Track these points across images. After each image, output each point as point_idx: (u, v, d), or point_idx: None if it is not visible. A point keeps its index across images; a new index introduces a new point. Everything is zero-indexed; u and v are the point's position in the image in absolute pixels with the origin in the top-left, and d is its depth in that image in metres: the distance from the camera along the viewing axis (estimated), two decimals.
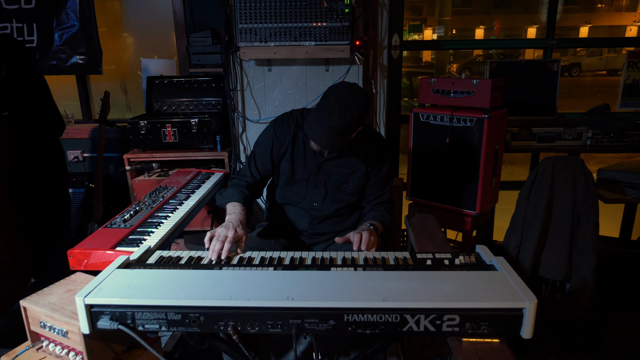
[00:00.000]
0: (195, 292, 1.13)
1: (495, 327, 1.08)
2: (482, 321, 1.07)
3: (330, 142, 1.59)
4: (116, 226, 1.74)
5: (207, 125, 2.80)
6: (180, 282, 1.19)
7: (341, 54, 2.56)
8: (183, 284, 1.17)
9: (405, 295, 1.10)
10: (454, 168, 2.48)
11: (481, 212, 2.46)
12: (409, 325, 1.08)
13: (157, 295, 1.12)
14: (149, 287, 1.16)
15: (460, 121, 2.40)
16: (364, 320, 1.07)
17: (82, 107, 3.64)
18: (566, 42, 4.66)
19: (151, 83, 3.19)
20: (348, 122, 1.53)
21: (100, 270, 1.27)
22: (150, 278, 1.21)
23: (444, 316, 1.07)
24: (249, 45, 2.58)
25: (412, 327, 1.08)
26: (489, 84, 2.31)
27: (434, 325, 1.08)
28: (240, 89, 2.81)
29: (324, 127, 1.55)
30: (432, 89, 2.54)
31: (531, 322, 1.06)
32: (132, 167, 2.82)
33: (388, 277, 1.20)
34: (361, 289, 1.14)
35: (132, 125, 2.81)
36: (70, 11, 3.21)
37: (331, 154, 1.75)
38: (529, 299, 1.06)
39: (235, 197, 1.73)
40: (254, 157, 1.85)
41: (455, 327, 1.08)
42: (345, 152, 1.74)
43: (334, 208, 1.81)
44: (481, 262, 1.32)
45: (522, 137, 2.71)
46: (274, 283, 1.17)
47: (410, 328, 1.08)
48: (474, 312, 1.07)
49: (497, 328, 1.08)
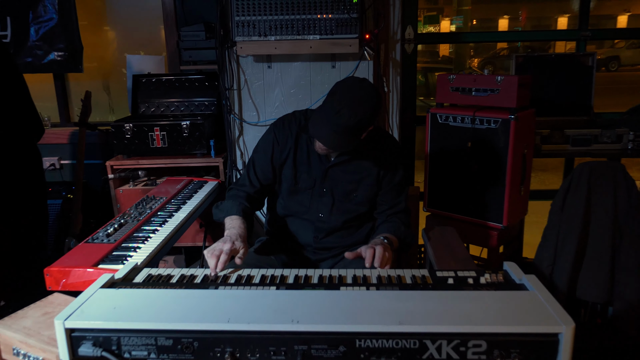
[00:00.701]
0: (188, 314, 1.13)
1: (528, 355, 1.07)
2: (513, 348, 1.07)
3: (338, 142, 1.59)
4: (98, 241, 1.75)
5: (199, 129, 2.82)
6: (171, 303, 1.19)
7: (349, 48, 2.59)
8: (175, 306, 1.17)
9: (424, 318, 1.09)
10: (477, 175, 2.48)
11: (508, 225, 2.45)
12: (430, 352, 1.07)
13: (145, 318, 1.12)
14: (137, 309, 1.16)
15: (483, 122, 2.40)
16: (378, 347, 1.07)
17: (60, 109, 3.68)
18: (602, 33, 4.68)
19: (137, 82, 3.22)
20: (358, 119, 1.54)
21: (81, 290, 1.27)
22: (137, 299, 1.21)
23: (469, 342, 1.06)
24: (246, 40, 2.61)
25: (433, 354, 1.07)
26: (516, 81, 2.32)
27: (458, 352, 1.07)
28: (237, 88, 2.83)
29: (331, 126, 1.56)
30: (451, 86, 2.55)
31: (569, 349, 1.05)
32: (116, 176, 2.84)
33: (405, 298, 1.20)
34: (375, 311, 1.13)
35: (115, 129, 2.84)
36: (48, 3, 3.25)
37: (339, 158, 1.76)
38: (565, 323, 1.06)
39: (234, 210, 1.74)
40: (253, 164, 1.86)
41: (482, 355, 1.07)
42: (355, 155, 1.75)
43: (342, 219, 1.82)
44: (510, 281, 1.32)
45: (553, 140, 2.71)
46: (277, 304, 1.17)
47: (430, 355, 1.08)
48: (502, 337, 1.06)
49: (529, 356, 1.07)
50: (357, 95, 1.56)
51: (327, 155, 1.77)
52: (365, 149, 1.76)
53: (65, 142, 3.48)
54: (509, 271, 1.37)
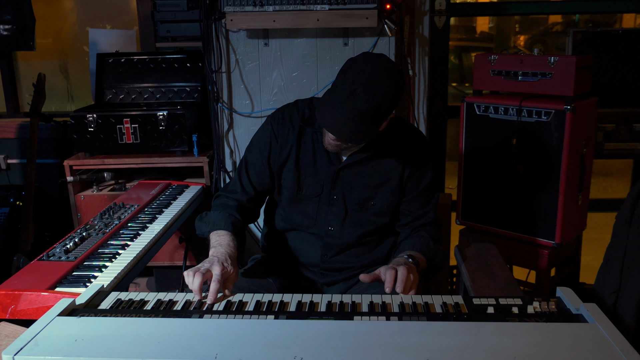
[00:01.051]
0: (166, 349, 1.15)
1: None
2: None
3: (352, 132, 1.58)
4: (55, 259, 1.77)
5: (179, 121, 2.84)
6: (145, 335, 1.20)
7: (365, 22, 2.60)
8: (149, 338, 1.19)
9: (458, 356, 1.10)
10: (523, 180, 2.48)
11: (562, 242, 2.46)
12: None
13: (113, 353, 1.14)
14: (103, 341, 1.18)
15: (532, 114, 2.41)
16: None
17: (7, 96, 3.72)
18: None
19: (102, 62, 3.25)
20: (377, 102, 1.53)
21: (34, 319, 1.29)
22: (104, 329, 1.23)
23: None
24: (238, 11, 2.63)
25: None
26: (573, 62, 2.32)
27: None
28: (225, 70, 2.85)
29: (343, 112, 1.54)
30: (492, 69, 2.56)
31: None
32: (76, 178, 2.86)
33: (434, 331, 1.21)
34: (397, 347, 1.14)
35: (76, 120, 2.86)
36: None
37: (352, 158, 1.76)
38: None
39: (222, 224, 1.74)
40: (246, 166, 1.87)
41: None
42: (372, 154, 1.76)
43: (357, 233, 1.83)
44: (564, 311, 1.33)
45: (619, 138, 2.72)
46: (276, 338, 1.18)
47: None
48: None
49: None
50: (374, 73, 1.55)
51: (337, 154, 1.78)
52: (385, 145, 1.77)
53: (13, 136, 3.51)
54: (563, 299, 1.37)
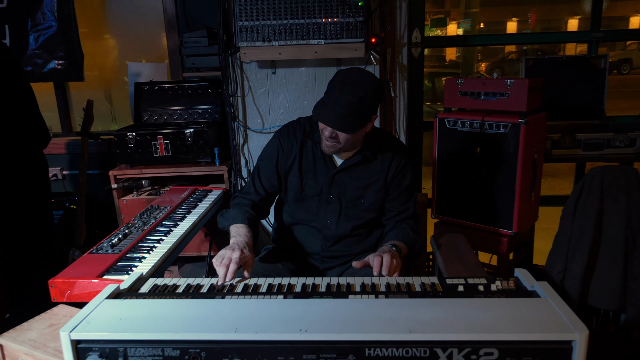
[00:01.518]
0: (195, 324, 1.15)
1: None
2: (525, 356, 1.07)
3: (343, 121, 1.61)
4: (103, 252, 1.77)
5: (203, 137, 2.84)
6: (178, 313, 1.20)
7: (355, 53, 2.60)
8: (181, 316, 1.19)
9: (435, 326, 1.10)
10: (486, 181, 2.49)
11: (519, 231, 2.46)
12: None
13: (152, 328, 1.14)
14: (143, 319, 1.18)
15: (492, 127, 2.41)
16: (388, 355, 1.08)
17: (61, 119, 3.72)
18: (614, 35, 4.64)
19: (139, 90, 3.26)
20: (361, 96, 1.59)
21: (86, 302, 1.29)
22: (143, 309, 1.23)
23: (481, 350, 1.07)
24: (250, 45, 2.64)
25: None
26: (526, 84, 2.33)
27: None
28: (240, 94, 2.86)
29: (335, 108, 1.60)
30: (459, 90, 2.57)
31: (582, 357, 1.06)
32: (119, 185, 2.87)
33: (414, 306, 1.21)
34: (384, 319, 1.14)
35: (118, 138, 2.87)
36: (47, 10, 3.29)
37: (346, 163, 1.78)
38: (579, 330, 1.06)
39: (239, 218, 1.76)
40: (258, 172, 1.89)
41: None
42: (362, 160, 1.78)
43: (350, 226, 1.83)
44: (521, 288, 1.33)
45: (564, 145, 2.72)
46: (285, 313, 1.19)
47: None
48: (515, 345, 1.07)
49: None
50: (358, 76, 1.63)
51: (333, 161, 1.79)
52: (372, 153, 1.78)
53: (66, 152, 3.51)
54: (520, 278, 1.37)
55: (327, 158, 1.80)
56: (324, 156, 1.79)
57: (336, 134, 1.66)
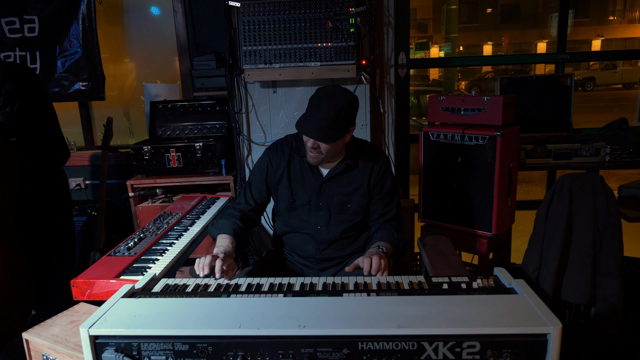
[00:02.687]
0: (202, 321, 1.13)
1: (519, 354, 1.06)
2: (504, 348, 1.06)
3: (322, 132, 1.62)
4: (120, 254, 1.75)
5: (211, 149, 2.83)
6: (187, 310, 1.18)
7: (347, 73, 2.60)
8: (190, 313, 1.17)
9: (422, 322, 1.09)
10: (467, 188, 2.47)
11: (497, 233, 2.44)
12: (427, 353, 1.06)
13: (163, 325, 1.12)
14: (155, 316, 1.16)
15: (472, 139, 2.41)
16: (379, 349, 1.06)
17: (85, 134, 3.71)
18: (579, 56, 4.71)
19: (154, 108, 3.24)
20: (337, 109, 1.60)
21: (104, 300, 1.27)
22: (156, 307, 1.21)
23: (464, 343, 1.06)
24: (253, 68, 2.63)
25: (430, 355, 1.06)
26: (501, 100, 2.32)
27: (453, 353, 1.06)
28: (245, 111, 2.85)
29: (314, 120, 1.61)
30: (441, 106, 2.56)
31: (556, 348, 1.04)
32: (136, 194, 2.85)
33: (403, 303, 1.19)
34: (375, 315, 1.13)
35: (135, 151, 2.85)
36: (73, 38, 3.30)
37: (331, 173, 1.77)
38: (553, 324, 1.05)
39: (226, 229, 1.74)
40: (250, 185, 1.89)
41: (476, 355, 1.06)
42: (345, 168, 1.77)
43: (339, 230, 1.81)
44: (500, 286, 1.31)
45: (537, 155, 2.71)
46: (284, 310, 1.17)
47: (428, 356, 1.07)
48: (495, 338, 1.05)
49: (520, 355, 1.06)
50: (334, 91, 1.66)
51: (319, 171, 1.78)
52: (354, 162, 1.78)
53: (88, 164, 3.49)
54: (499, 276, 1.36)
55: (314, 169, 1.79)
56: (310, 168, 1.79)
57: (318, 144, 1.66)
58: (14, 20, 3.29)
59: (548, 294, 2.23)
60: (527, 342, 1.05)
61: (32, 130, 2.14)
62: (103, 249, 2.72)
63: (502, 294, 1.23)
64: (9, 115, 2.02)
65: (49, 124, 2.26)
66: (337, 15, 2.54)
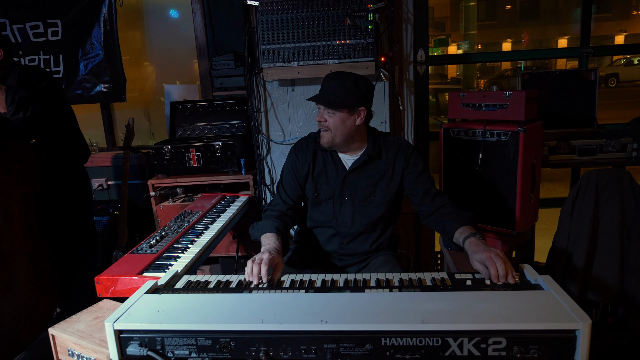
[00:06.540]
0: (225, 316, 1.13)
1: (546, 351, 1.03)
2: (532, 344, 1.03)
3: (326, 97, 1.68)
4: (142, 252, 1.77)
5: (231, 149, 2.84)
6: (209, 306, 1.19)
7: (366, 70, 2.59)
8: (213, 308, 1.17)
9: (446, 317, 1.07)
10: (489, 185, 2.43)
11: (520, 231, 2.39)
12: (452, 349, 1.05)
13: (186, 320, 1.13)
14: (178, 311, 1.17)
15: (493, 135, 2.37)
16: (403, 344, 1.05)
17: (106, 135, 3.76)
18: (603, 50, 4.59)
19: (174, 108, 3.28)
20: (343, 79, 1.69)
21: (127, 296, 1.28)
22: (179, 303, 1.22)
23: (489, 339, 1.04)
24: (272, 66, 2.64)
25: (455, 351, 1.05)
26: (523, 95, 2.28)
27: (479, 349, 1.04)
28: (263, 110, 2.86)
29: (322, 89, 1.72)
30: (462, 103, 2.52)
31: (586, 345, 1.02)
32: (157, 193, 2.87)
33: (426, 298, 1.17)
34: (399, 311, 1.11)
35: (156, 151, 2.88)
36: (95, 41, 3.36)
37: (353, 165, 1.77)
38: (582, 320, 1.02)
39: (268, 228, 1.73)
40: (282, 184, 1.90)
41: (502, 351, 1.04)
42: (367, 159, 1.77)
43: (364, 223, 1.81)
44: (526, 282, 1.29)
45: (560, 151, 2.66)
46: (307, 306, 1.16)
47: (452, 352, 1.05)
48: (521, 334, 1.03)
49: (548, 352, 1.03)
50: (343, 71, 1.76)
51: (342, 164, 1.80)
52: (376, 152, 1.78)
53: (110, 164, 3.55)
54: (524, 272, 1.33)
55: (337, 163, 1.80)
56: (334, 161, 1.80)
57: (325, 119, 1.70)
58: (38, 24, 3.36)
59: (574, 293, 2.18)
60: (555, 338, 1.03)
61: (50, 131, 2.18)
62: (125, 248, 2.75)
63: (527, 290, 1.21)
64: (22, 121, 2.06)
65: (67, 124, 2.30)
66: (356, 12, 2.53)
